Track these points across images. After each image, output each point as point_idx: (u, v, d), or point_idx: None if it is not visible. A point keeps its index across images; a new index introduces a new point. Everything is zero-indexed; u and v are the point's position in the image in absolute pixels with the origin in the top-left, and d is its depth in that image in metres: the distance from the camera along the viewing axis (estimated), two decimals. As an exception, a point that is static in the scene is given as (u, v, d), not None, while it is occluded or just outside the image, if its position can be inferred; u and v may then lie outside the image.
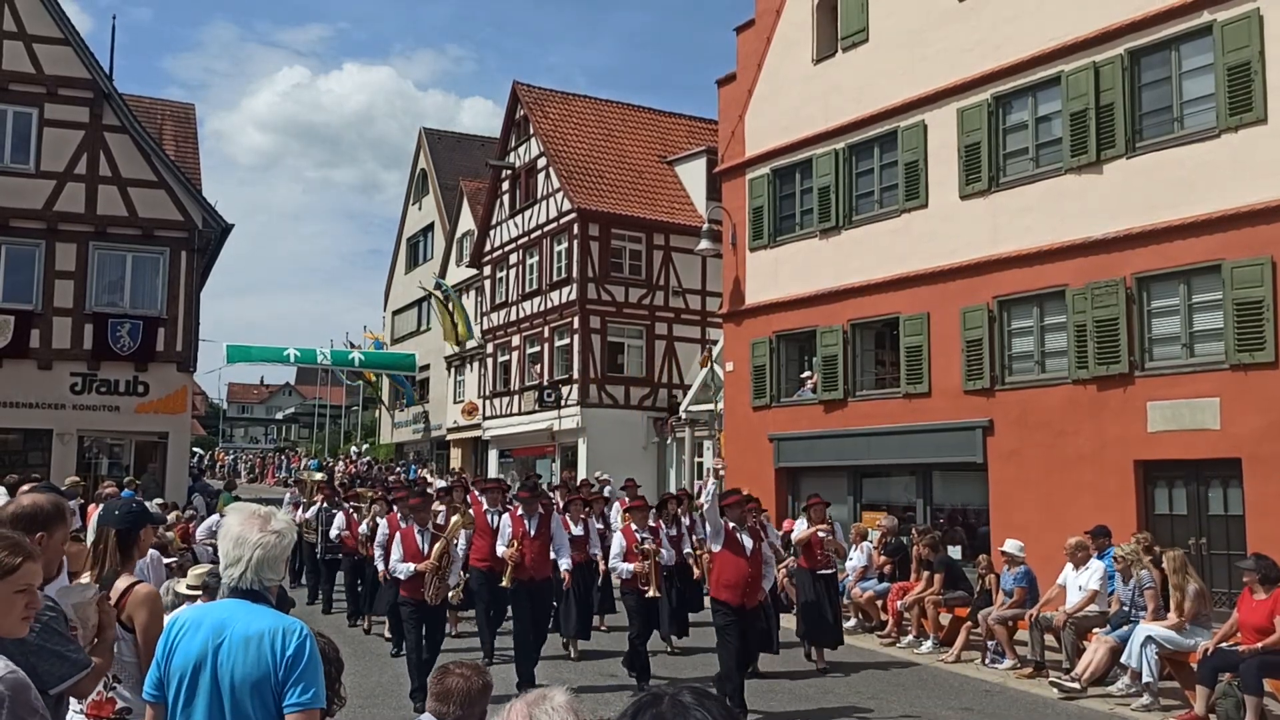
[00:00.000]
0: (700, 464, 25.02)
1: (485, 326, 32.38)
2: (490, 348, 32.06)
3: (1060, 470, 14.30)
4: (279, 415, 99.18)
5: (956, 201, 16.07)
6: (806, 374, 18.99)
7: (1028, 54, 15.07)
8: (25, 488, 4.00)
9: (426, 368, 38.79)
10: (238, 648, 3.19)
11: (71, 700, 3.88)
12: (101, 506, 4.91)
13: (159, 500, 17.70)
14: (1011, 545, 12.25)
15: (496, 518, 11.47)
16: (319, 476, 18.23)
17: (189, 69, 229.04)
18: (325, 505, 16.06)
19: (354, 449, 47.04)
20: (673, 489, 22.82)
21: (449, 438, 36.32)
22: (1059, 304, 14.66)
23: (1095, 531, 11.97)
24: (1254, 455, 12.32)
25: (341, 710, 3.92)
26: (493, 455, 32.00)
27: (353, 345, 42.25)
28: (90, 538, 4.47)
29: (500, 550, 10.67)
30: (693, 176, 29.26)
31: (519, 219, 30.35)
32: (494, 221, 32.18)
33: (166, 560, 7.02)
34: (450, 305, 33.85)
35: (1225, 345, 12.78)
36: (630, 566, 10.64)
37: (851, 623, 14.32)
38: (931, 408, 16.23)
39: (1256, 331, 12.43)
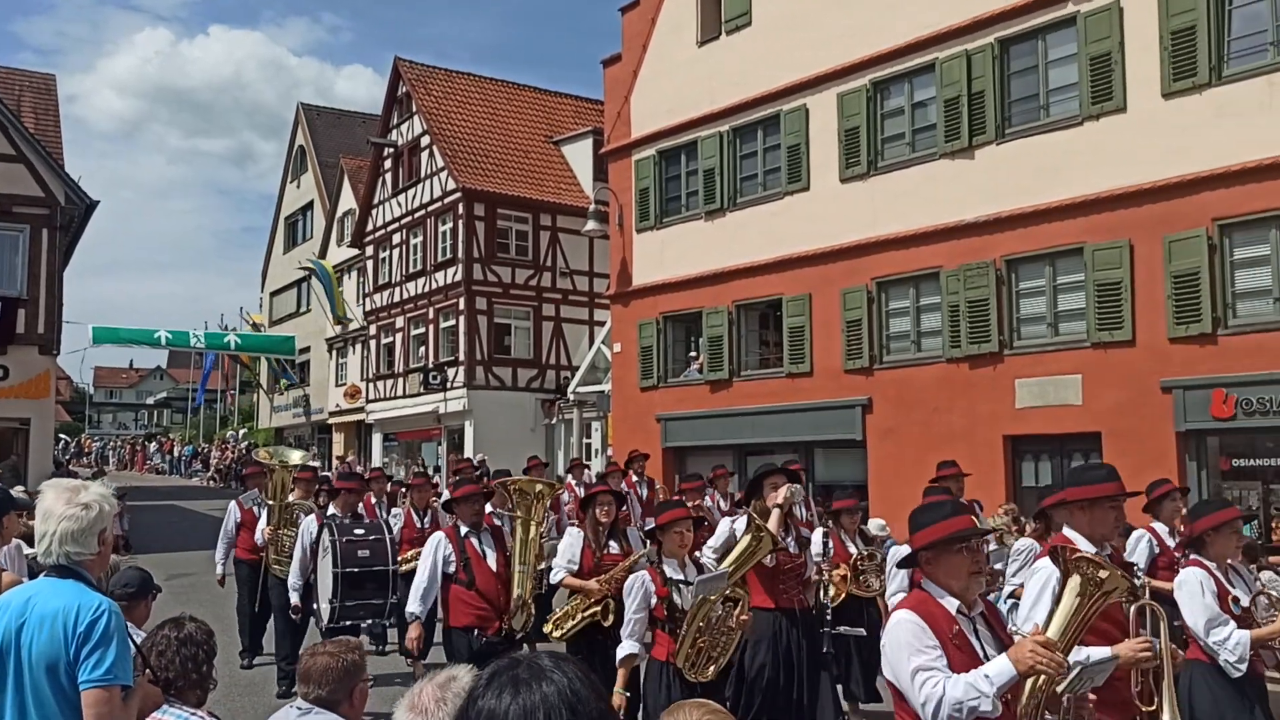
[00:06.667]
0: (589, 445, 25.06)
1: (368, 308, 31.74)
2: (373, 329, 31.46)
3: (935, 447, 14.75)
4: (150, 400, 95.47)
5: (837, 184, 16.43)
6: (693, 354, 19.21)
7: (903, 41, 15.47)
8: None
9: (306, 350, 37.84)
10: (34, 627, 3.07)
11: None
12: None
13: (21, 488, 16.89)
14: (874, 525, 11.89)
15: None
16: (296, 457, 10.66)
17: (41, 33, 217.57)
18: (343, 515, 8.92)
19: (230, 434, 45.59)
20: (561, 472, 22.78)
21: (331, 421, 35.55)
22: (934, 285, 15.15)
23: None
24: (1112, 429, 12.98)
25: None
26: (376, 439, 31.47)
27: (227, 327, 40.95)
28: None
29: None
30: (579, 157, 29.13)
31: (402, 198, 29.79)
32: (376, 200, 31.50)
33: (30, 550, 6.72)
34: (326, 286, 33.11)
35: (1087, 324, 13.41)
36: None
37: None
38: (813, 387, 16.60)
39: (1115, 311, 13.07)
